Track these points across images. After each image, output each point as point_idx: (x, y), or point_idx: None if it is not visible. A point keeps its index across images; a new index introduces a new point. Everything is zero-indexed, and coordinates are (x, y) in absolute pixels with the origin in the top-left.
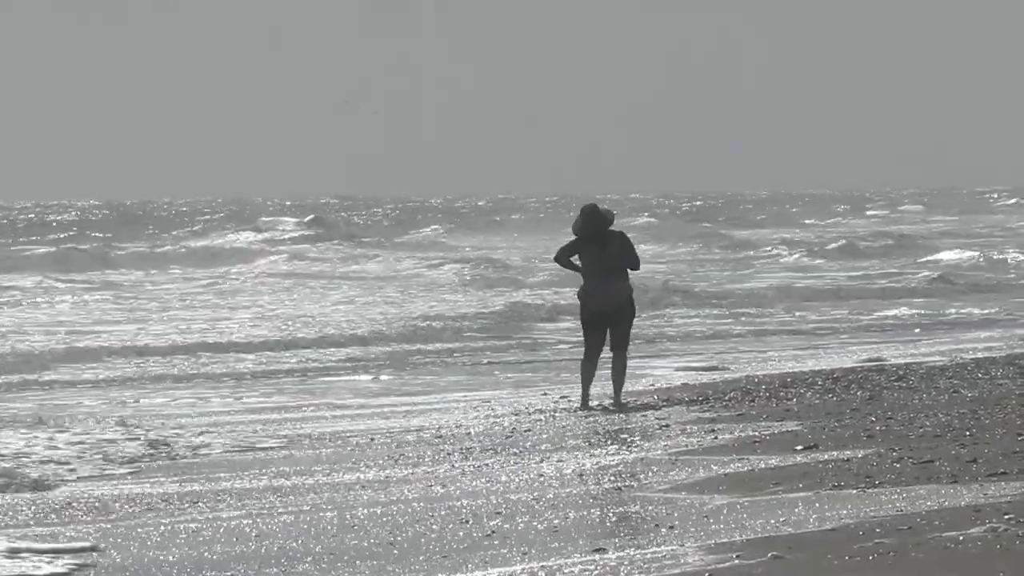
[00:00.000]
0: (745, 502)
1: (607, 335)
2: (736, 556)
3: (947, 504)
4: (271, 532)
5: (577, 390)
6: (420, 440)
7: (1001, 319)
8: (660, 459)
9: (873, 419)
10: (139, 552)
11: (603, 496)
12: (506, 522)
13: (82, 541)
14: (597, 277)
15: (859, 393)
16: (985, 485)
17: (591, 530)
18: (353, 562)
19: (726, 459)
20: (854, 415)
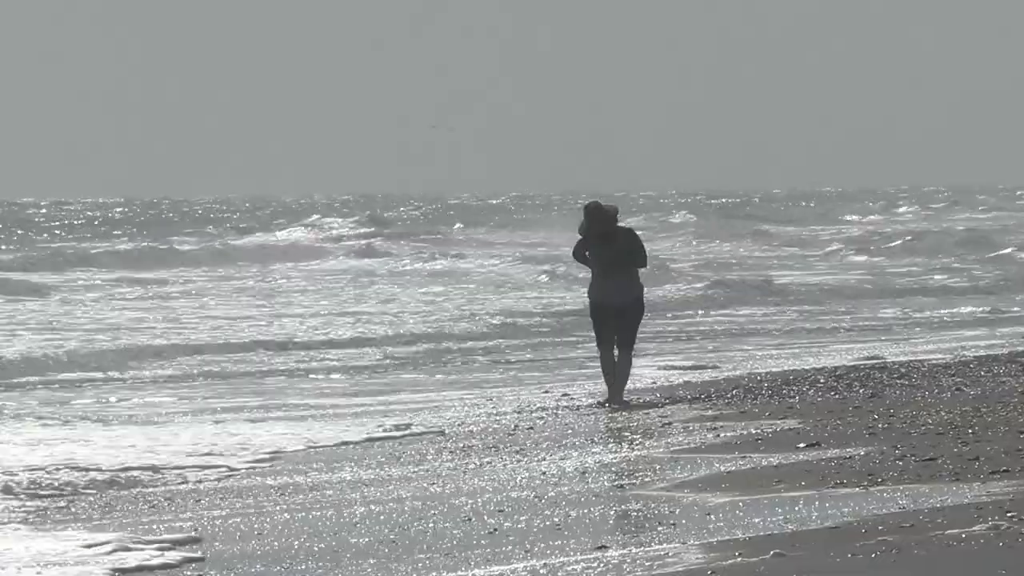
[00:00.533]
0: (747, 500)
1: (617, 327)
2: (738, 554)
3: (950, 502)
4: (271, 531)
5: (584, 387)
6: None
7: None
8: (662, 457)
9: (875, 416)
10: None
11: (605, 494)
12: (507, 520)
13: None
14: (602, 273)
15: (861, 391)
16: (988, 483)
17: (593, 528)
18: (356, 560)
19: (728, 457)
20: (856, 412)
